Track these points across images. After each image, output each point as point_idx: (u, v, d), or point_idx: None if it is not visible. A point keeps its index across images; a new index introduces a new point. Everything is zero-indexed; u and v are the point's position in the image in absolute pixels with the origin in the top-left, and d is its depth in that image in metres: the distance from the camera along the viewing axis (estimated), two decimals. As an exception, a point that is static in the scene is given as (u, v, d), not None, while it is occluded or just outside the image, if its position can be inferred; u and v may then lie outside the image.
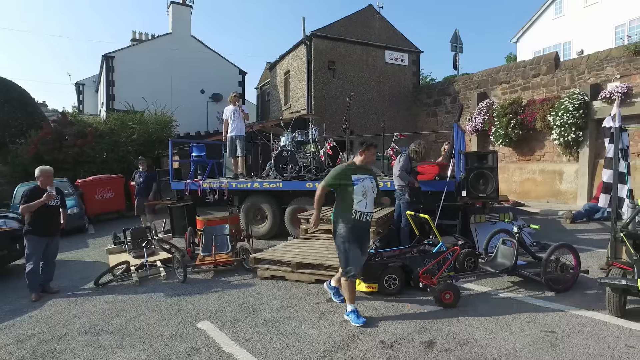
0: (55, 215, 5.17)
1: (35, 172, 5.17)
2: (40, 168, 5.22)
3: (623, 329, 3.44)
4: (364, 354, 3.18)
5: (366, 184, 3.76)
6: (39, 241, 5.03)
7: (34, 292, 4.92)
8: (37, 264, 5.00)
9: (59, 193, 5.27)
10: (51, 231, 5.14)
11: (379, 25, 16.86)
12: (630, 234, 4.12)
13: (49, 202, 4.98)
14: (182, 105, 18.98)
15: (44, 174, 5.14)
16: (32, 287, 4.95)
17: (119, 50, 20.23)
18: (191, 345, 3.45)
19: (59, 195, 5.21)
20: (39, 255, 5.03)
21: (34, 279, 4.97)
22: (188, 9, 21.96)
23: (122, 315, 4.20)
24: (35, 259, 4.98)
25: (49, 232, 5.12)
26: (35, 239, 5.00)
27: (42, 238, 5.04)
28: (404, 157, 5.98)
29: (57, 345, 3.58)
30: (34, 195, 4.99)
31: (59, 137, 13.40)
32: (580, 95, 10.24)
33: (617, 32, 16.85)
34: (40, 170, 5.18)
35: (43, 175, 5.13)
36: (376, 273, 4.44)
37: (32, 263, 4.96)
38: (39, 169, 5.20)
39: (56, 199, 5.14)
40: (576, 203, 10.30)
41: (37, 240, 5.01)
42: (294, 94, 17.34)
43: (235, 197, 8.35)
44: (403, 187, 5.83)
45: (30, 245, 5.00)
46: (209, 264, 5.65)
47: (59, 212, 5.24)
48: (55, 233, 5.23)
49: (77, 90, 28.86)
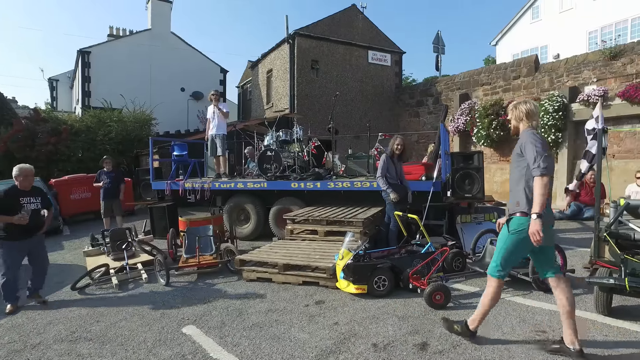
0: (36, 216, 4.54)
1: (13, 171, 4.51)
2: (19, 167, 4.54)
3: (611, 327, 3.48)
4: (357, 357, 3.10)
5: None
6: (15, 246, 4.40)
7: (10, 303, 4.40)
8: (13, 273, 4.41)
9: (40, 194, 4.68)
10: (31, 233, 4.51)
11: (362, 26, 16.90)
12: (613, 234, 4.19)
13: (25, 208, 4.38)
14: (161, 103, 18.57)
15: (23, 173, 4.50)
16: (8, 297, 4.41)
17: (95, 46, 19.63)
18: (177, 351, 3.30)
19: (39, 197, 4.62)
20: (16, 264, 4.43)
21: (9, 289, 4.40)
22: (168, 4, 21.52)
23: (102, 321, 4.00)
24: (11, 267, 4.38)
25: (28, 234, 4.47)
26: (9, 244, 4.38)
27: (19, 242, 4.41)
28: (382, 159, 5.85)
29: (30, 355, 3.36)
30: (9, 199, 4.36)
31: (31, 134, 12.88)
32: (560, 98, 10.48)
33: (591, 37, 17.42)
34: (19, 169, 4.52)
35: (22, 174, 4.49)
36: (366, 274, 4.37)
37: (5, 274, 4.37)
38: (18, 167, 4.53)
39: (36, 201, 4.55)
40: (555, 203, 10.53)
41: (12, 246, 4.39)
42: (277, 92, 17.18)
43: (218, 197, 8.18)
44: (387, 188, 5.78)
45: (4, 253, 4.37)
46: (192, 266, 5.47)
47: (40, 213, 4.66)
48: (36, 233, 4.57)
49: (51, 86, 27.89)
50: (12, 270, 4.41)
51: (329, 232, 5.90)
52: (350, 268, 4.37)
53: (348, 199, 6.91)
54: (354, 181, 6.70)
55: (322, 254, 5.15)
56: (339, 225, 5.88)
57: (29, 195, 4.51)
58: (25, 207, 4.40)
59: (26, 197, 4.47)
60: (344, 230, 5.60)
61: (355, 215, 5.95)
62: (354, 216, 5.91)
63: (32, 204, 4.51)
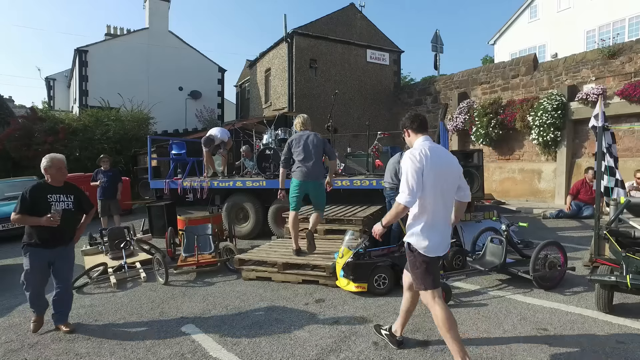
0: (68, 221, 3.66)
1: (42, 162, 3.62)
2: (50, 157, 3.65)
3: (612, 325, 3.47)
4: (358, 355, 3.08)
5: None
6: (41, 255, 3.61)
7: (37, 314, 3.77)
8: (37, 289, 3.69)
9: (74, 192, 3.79)
10: (62, 238, 3.68)
11: (361, 25, 16.87)
12: (614, 232, 4.18)
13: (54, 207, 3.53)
14: (159, 102, 18.51)
15: (55, 165, 3.62)
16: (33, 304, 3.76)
17: (93, 45, 19.56)
18: (176, 350, 3.27)
19: (71, 196, 3.73)
20: (43, 277, 3.69)
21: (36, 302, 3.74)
22: (166, 3, 21.46)
23: (100, 320, 3.97)
24: (32, 282, 3.64)
25: (59, 240, 3.66)
26: (35, 252, 3.59)
27: (49, 250, 3.62)
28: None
29: (28, 354, 3.32)
30: (38, 197, 3.55)
31: (27, 133, 12.80)
32: (558, 96, 10.49)
33: (589, 36, 17.45)
34: (50, 160, 3.62)
35: (55, 166, 3.62)
36: (365, 272, 4.35)
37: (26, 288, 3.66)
38: (49, 158, 3.64)
39: (68, 200, 3.68)
40: (554, 202, 10.55)
41: (37, 254, 3.60)
42: (275, 91, 17.14)
43: (216, 196, 8.14)
44: (395, 186, 5.74)
45: (26, 262, 3.60)
46: (191, 264, 5.44)
47: (74, 217, 3.77)
48: (64, 242, 3.73)
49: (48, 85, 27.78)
50: (33, 284, 3.66)
51: (329, 230, 5.88)
52: (351, 266, 4.35)
53: (347, 197, 6.89)
54: (353, 179, 6.68)
55: (320, 252, 5.13)
56: (338, 224, 5.86)
57: (60, 192, 3.68)
58: (55, 205, 3.57)
59: (55, 195, 3.64)
60: (344, 228, 5.58)
61: (355, 214, 5.94)
62: (354, 214, 5.89)
63: (63, 202, 3.65)
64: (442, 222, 2.76)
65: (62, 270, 3.75)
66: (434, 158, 2.67)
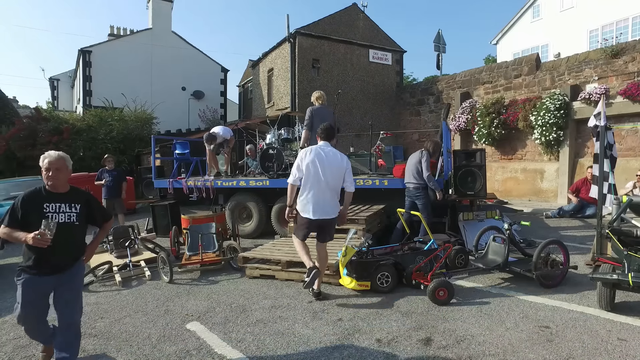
0: (68, 239, 2.75)
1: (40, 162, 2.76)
2: (47, 154, 2.76)
3: (614, 323, 3.49)
4: (361, 352, 3.11)
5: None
6: (32, 286, 2.72)
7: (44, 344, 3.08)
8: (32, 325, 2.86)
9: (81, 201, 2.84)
10: (57, 266, 2.75)
11: (363, 25, 16.88)
12: (616, 230, 4.20)
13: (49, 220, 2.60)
14: (162, 102, 18.58)
15: (54, 163, 2.72)
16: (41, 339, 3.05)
17: (96, 45, 19.66)
18: (181, 347, 3.31)
19: (77, 205, 2.80)
20: (28, 313, 2.76)
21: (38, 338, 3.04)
22: (169, 4, 21.55)
23: (106, 318, 4.01)
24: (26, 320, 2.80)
25: (54, 268, 2.75)
26: (27, 281, 2.72)
27: (40, 278, 2.73)
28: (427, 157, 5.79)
29: (36, 350, 3.35)
30: (31, 206, 2.70)
31: (32, 133, 12.90)
32: (561, 96, 10.48)
33: (591, 36, 17.42)
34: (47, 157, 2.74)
35: (52, 166, 2.71)
36: (369, 271, 4.39)
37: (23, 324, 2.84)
38: (46, 155, 2.76)
39: (70, 211, 2.76)
40: (557, 201, 10.54)
41: (29, 284, 2.72)
42: (278, 91, 17.18)
43: (220, 196, 8.19)
44: (420, 185, 5.74)
45: (18, 294, 2.74)
46: (195, 263, 5.49)
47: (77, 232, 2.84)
48: (66, 266, 2.80)
49: (51, 85, 27.91)
50: (32, 323, 2.85)
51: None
52: (354, 265, 4.39)
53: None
54: (356, 179, 6.69)
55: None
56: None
57: (61, 201, 2.75)
58: (50, 217, 2.66)
59: (55, 204, 2.73)
60: (347, 227, 5.60)
61: (358, 213, 5.97)
62: (357, 213, 5.92)
63: (63, 214, 2.74)
64: (317, 197, 4.10)
65: (64, 302, 2.80)
66: (316, 154, 4.12)
